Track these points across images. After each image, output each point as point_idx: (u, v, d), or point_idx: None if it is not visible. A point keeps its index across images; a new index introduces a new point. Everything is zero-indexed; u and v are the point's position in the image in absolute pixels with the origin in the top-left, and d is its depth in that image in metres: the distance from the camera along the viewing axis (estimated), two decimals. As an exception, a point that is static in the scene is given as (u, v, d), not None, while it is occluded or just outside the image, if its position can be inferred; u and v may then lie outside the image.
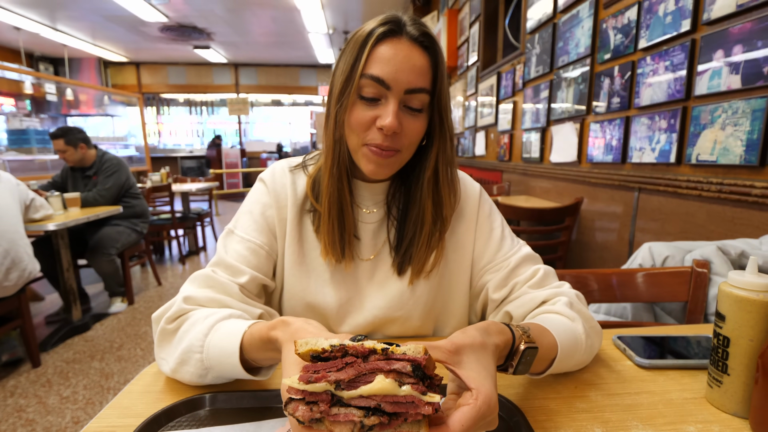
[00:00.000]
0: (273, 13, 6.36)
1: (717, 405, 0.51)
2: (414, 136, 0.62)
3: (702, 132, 1.41)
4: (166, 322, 0.57)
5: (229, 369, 0.51)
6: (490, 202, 0.76)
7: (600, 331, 0.62)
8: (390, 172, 0.65)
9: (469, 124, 4.20)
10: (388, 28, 0.60)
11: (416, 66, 0.59)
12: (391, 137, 0.60)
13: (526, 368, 0.47)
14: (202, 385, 0.55)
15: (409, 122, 0.61)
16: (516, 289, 0.67)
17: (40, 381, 2.00)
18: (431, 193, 0.66)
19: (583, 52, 2.12)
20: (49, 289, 3.09)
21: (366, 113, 0.60)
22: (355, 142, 0.63)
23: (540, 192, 2.76)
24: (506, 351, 0.46)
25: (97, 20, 6.56)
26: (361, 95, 0.60)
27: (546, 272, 0.68)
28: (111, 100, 7.08)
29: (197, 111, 10.28)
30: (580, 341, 0.55)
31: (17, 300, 1.98)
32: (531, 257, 0.70)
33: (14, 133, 5.45)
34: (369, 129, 0.61)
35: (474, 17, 3.89)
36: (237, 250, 0.66)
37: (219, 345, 0.51)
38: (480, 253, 0.72)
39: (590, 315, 0.62)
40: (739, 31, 1.27)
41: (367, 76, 0.59)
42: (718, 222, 1.38)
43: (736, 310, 0.48)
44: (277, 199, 0.70)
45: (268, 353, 0.49)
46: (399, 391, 0.32)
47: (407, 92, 0.59)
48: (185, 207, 4.34)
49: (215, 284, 0.62)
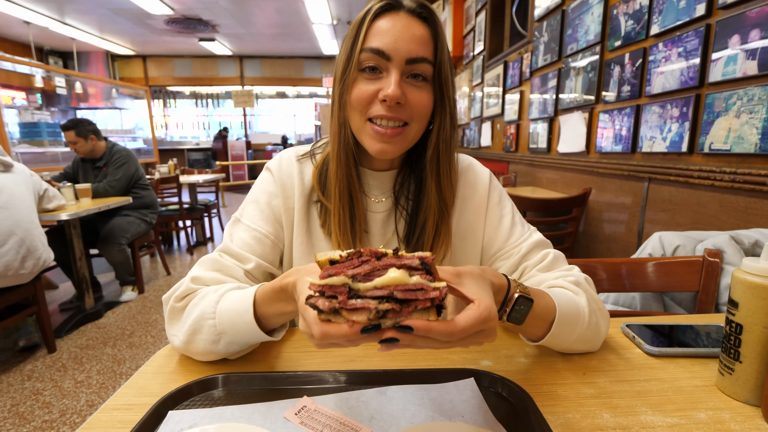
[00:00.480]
0: (277, 5, 6.32)
1: (728, 393, 0.50)
2: (420, 108, 0.60)
3: (715, 120, 1.39)
4: (175, 301, 0.58)
5: (242, 329, 0.52)
6: (501, 189, 0.75)
7: (607, 315, 0.61)
8: (397, 150, 0.62)
9: (475, 114, 4.16)
10: (386, 3, 0.59)
11: (416, 35, 0.58)
12: (396, 108, 0.59)
13: (519, 318, 0.49)
14: (213, 355, 0.56)
15: (413, 93, 0.60)
16: (526, 273, 0.67)
17: (55, 366, 2.06)
18: (434, 175, 0.65)
19: (592, 39, 2.08)
20: (62, 277, 3.15)
21: (368, 87, 0.59)
22: (358, 121, 0.62)
23: (547, 183, 2.74)
24: (500, 296, 0.48)
25: (104, 13, 6.57)
26: (362, 68, 0.59)
27: (556, 256, 0.67)
28: (119, 93, 7.12)
29: (203, 103, 10.31)
30: (583, 314, 0.56)
31: (33, 287, 2.03)
32: (542, 243, 0.69)
33: (26, 126, 5.51)
34: (371, 103, 0.60)
35: (480, 5, 3.83)
36: (243, 238, 0.67)
37: (231, 307, 0.52)
38: (490, 240, 0.71)
39: (598, 297, 0.62)
40: (756, 15, 1.23)
41: (366, 50, 0.58)
42: (730, 212, 1.36)
43: (750, 297, 0.47)
44: (283, 189, 0.70)
45: (281, 304, 0.50)
46: (409, 280, 0.36)
47: (408, 62, 0.58)
48: (193, 198, 4.38)
49: (222, 267, 0.63)
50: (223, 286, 0.57)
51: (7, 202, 1.82)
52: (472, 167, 0.75)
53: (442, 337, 0.36)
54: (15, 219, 1.83)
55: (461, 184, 0.73)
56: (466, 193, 0.73)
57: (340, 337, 0.35)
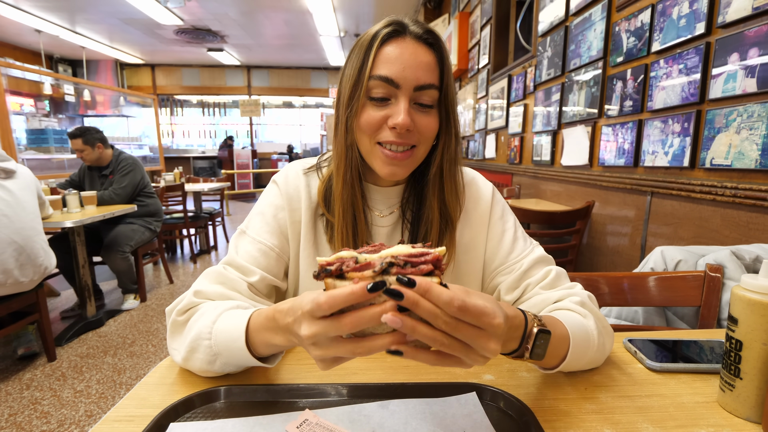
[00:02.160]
0: (285, 16, 6.43)
1: (729, 409, 0.50)
2: (427, 132, 0.63)
3: (716, 136, 1.40)
4: (177, 314, 0.59)
5: (236, 354, 0.51)
6: (503, 203, 0.76)
7: (611, 333, 0.62)
8: (406, 172, 0.65)
9: (479, 126, 4.19)
10: (392, 29, 0.61)
11: (423, 62, 0.60)
12: (405, 135, 0.61)
13: (541, 353, 0.47)
14: (212, 373, 0.56)
15: (421, 119, 0.62)
16: (528, 291, 0.67)
17: (55, 375, 2.05)
18: (436, 191, 0.67)
19: (595, 55, 2.10)
20: (64, 285, 3.16)
21: (377, 114, 0.61)
22: (367, 144, 0.64)
23: (551, 195, 2.74)
24: (518, 333, 0.46)
25: (114, 23, 6.70)
26: (370, 97, 0.61)
27: (558, 273, 0.67)
28: (126, 101, 7.22)
29: (210, 112, 10.42)
30: (593, 337, 0.55)
31: (35, 295, 2.03)
32: (544, 259, 0.70)
33: (33, 133, 5.59)
34: (380, 129, 0.62)
35: (485, 20, 3.88)
36: (248, 251, 0.67)
37: (226, 330, 0.52)
38: (492, 254, 0.72)
39: (602, 315, 0.61)
40: (755, 34, 1.25)
41: (375, 78, 0.59)
42: (732, 227, 1.36)
43: (749, 314, 0.47)
44: (289, 202, 0.71)
45: (269, 334, 0.48)
46: (412, 251, 0.38)
47: (417, 89, 0.60)
48: (197, 206, 4.40)
49: (225, 280, 0.63)
50: (222, 303, 0.57)
51: (7, 209, 1.81)
52: (475, 181, 0.75)
53: (441, 300, 0.35)
54: (16, 226, 1.82)
55: (466, 199, 0.73)
56: (469, 206, 0.73)
57: (345, 295, 0.35)
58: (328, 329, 0.38)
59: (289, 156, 9.84)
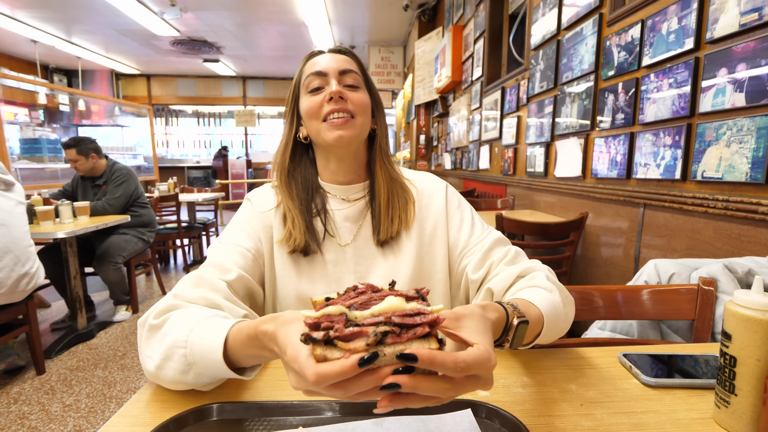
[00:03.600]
0: (281, 28, 6.49)
1: (725, 426, 0.50)
2: (359, 104, 0.76)
3: (707, 149, 1.42)
4: (153, 317, 0.57)
5: (211, 365, 0.50)
6: (458, 196, 0.85)
7: (572, 300, 0.69)
8: (351, 135, 0.75)
9: (473, 137, 4.23)
10: (317, 51, 0.81)
11: (340, 59, 0.78)
12: (341, 102, 0.74)
13: (519, 341, 0.52)
14: (183, 385, 0.54)
15: (351, 94, 0.76)
16: (493, 268, 0.74)
17: (43, 388, 2.01)
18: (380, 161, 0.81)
19: (587, 68, 2.14)
20: (54, 296, 3.11)
21: (316, 99, 0.76)
22: (315, 126, 0.76)
23: (544, 206, 2.76)
24: (501, 327, 0.50)
25: (110, 34, 6.72)
26: (310, 90, 0.77)
27: (517, 251, 0.76)
28: (122, 110, 7.21)
29: (205, 122, 10.43)
30: (560, 310, 0.62)
31: (25, 307, 2.00)
32: (501, 240, 0.79)
33: (27, 142, 5.56)
34: (321, 107, 0.75)
35: (479, 33, 3.94)
36: (226, 253, 0.72)
37: (203, 340, 0.51)
38: (455, 240, 0.80)
39: (562, 286, 0.68)
40: (742, 49, 1.28)
41: (309, 75, 0.77)
42: (724, 239, 1.38)
43: (743, 330, 0.48)
44: (259, 210, 0.79)
45: (254, 350, 0.47)
46: (406, 306, 0.36)
47: (341, 73, 0.76)
48: (191, 217, 4.38)
49: (203, 282, 0.64)
50: (200, 311, 0.57)
51: (5, 219, 1.81)
52: (428, 179, 0.86)
53: (446, 367, 0.35)
54: (13, 236, 1.82)
55: (420, 193, 0.83)
56: (426, 201, 0.83)
57: (336, 374, 0.34)
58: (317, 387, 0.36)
59: None
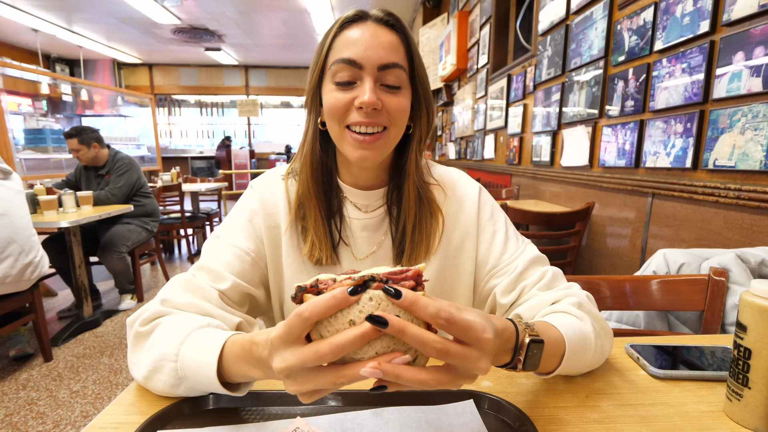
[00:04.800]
0: (283, 16, 6.41)
1: (736, 419, 0.49)
2: (397, 113, 0.61)
3: (720, 136, 1.38)
4: (140, 324, 0.53)
5: (204, 381, 0.47)
6: (492, 202, 0.73)
7: (611, 333, 0.60)
8: (378, 156, 0.62)
9: (478, 126, 4.17)
10: (354, 14, 0.62)
11: (385, 42, 0.59)
12: (373, 114, 0.59)
13: (534, 363, 0.45)
14: (173, 395, 0.51)
15: (389, 99, 0.61)
16: (525, 293, 0.65)
17: (51, 375, 2.03)
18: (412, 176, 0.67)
19: (596, 54, 2.09)
20: (61, 285, 3.14)
21: (344, 97, 0.60)
22: (336, 130, 0.62)
23: (550, 196, 2.73)
24: (510, 344, 0.44)
25: (111, 22, 6.67)
26: (336, 82, 0.60)
27: (555, 274, 0.65)
28: (124, 100, 7.19)
29: (208, 112, 10.39)
30: (589, 340, 0.53)
31: (30, 295, 2.01)
32: (538, 259, 0.67)
33: (31, 133, 5.57)
34: (348, 111, 0.60)
35: (485, 19, 3.87)
36: (222, 255, 0.64)
37: (195, 355, 0.47)
38: (484, 257, 0.69)
39: (600, 316, 0.59)
40: (761, 32, 1.23)
41: (338, 61, 0.59)
42: (735, 229, 1.35)
43: (759, 321, 0.46)
44: (264, 206, 0.69)
45: (245, 366, 0.44)
46: (392, 269, 0.37)
47: (381, 69, 0.59)
48: (195, 206, 4.38)
49: (194, 288, 0.59)
50: (192, 320, 0.52)
51: (7, 209, 1.81)
52: (460, 182, 0.73)
53: (428, 312, 0.34)
54: (15, 226, 1.82)
55: (449, 199, 0.71)
56: (456, 208, 0.71)
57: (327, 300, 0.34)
58: (305, 359, 0.35)
59: (287, 156, 9.82)
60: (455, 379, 0.37)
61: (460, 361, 0.36)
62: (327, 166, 0.68)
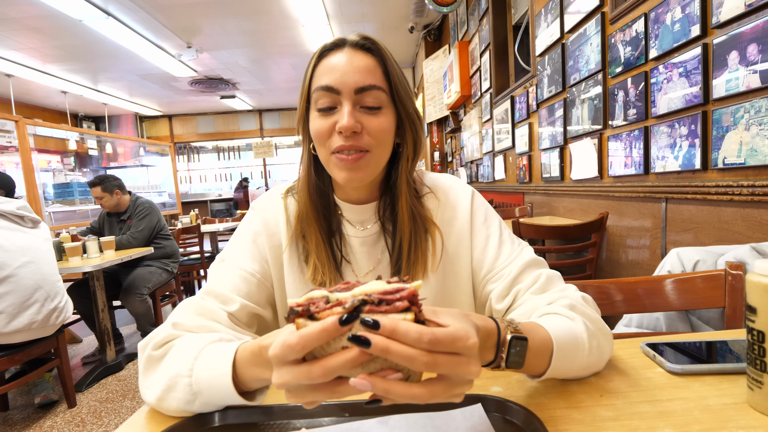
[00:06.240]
0: (292, 60, 6.74)
1: (761, 409, 0.46)
2: (378, 134, 0.62)
3: (726, 135, 1.36)
4: (152, 348, 0.54)
5: (220, 392, 0.47)
6: (485, 206, 0.73)
7: (609, 334, 0.58)
8: (363, 176, 0.64)
9: (487, 149, 4.21)
10: (332, 43, 0.64)
11: (361, 66, 0.61)
12: (354, 137, 0.61)
13: (518, 361, 0.45)
14: (188, 414, 0.51)
15: (369, 120, 0.62)
16: (519, 297, 0.64)
17: (74, 421, 2.04)
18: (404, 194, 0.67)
19: (594, 68, 2.12)
20: (86, 331, 3.19)
21: (325, 122, 0.62)
22: (324, 155, 0.64)
23: (564, 211, 2.69)
24: (492, 341, 0.44)
25: (133, 79, 7.13)
26: (318, 108, 0.63)
27: (549, 276, 0.64)
28: (146, 151, 7.55)
29: (225, 156, 10.78)
30: (581, 340, 0.52)
31: (55, 341, 2.05)
32: (533, 262, 0.66)
33: (59, 187, 5.86)
34: (331, 137, 0.62)
35: (484, 46, 3.98)
36: (228, 279, 0.65)
37: (209, 367, 0.48)
38: (479, 262, 0.69)
39: (597, 317, 0.58)
40: (751, 30, 1.24)
41: (318, 89, 0.62)
42: (755, 227, 1.30)
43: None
44: (266, 227, 0.70)
45: (258, 369, 0.46)
46: (387, 287, 0.36)
47: (358, 92, 0.61)
48: (214, 247, 4.47)
49: (204, 311, 0.60)
50: (203, 337, 0.53)
51: (35, 257, 1.89)
52: (453, 187, 0.73)
53: (409, 337, 0.33)
54: (42, 273, 1.90)
55: (443, 205, 0.71)
56: (449, 214, 0.71)
57: (317, 332, 0.34)
58: (299, 378, 0.35)
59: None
60: (450, 388, 0.36)
61: (450, 369, 0.35)
62: (323, 188, 0.70)
